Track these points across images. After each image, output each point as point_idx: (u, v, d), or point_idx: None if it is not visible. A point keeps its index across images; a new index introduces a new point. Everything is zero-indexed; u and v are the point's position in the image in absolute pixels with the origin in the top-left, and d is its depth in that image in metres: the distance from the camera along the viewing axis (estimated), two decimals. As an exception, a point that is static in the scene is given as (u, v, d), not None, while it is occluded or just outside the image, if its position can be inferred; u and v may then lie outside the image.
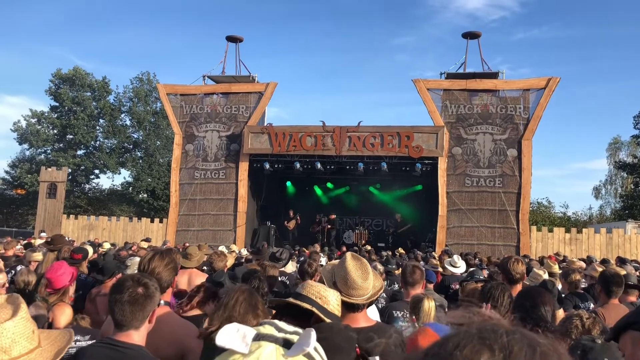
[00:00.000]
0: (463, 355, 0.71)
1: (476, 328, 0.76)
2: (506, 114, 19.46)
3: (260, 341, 1.03)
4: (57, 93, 40.90)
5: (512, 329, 0.75)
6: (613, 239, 19.58)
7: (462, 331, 0.76)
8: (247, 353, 1.00)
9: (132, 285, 2.52)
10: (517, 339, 0.72)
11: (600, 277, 5.06)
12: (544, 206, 43.35)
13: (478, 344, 0.72)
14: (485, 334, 0.74)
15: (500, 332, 0.74)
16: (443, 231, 19.14)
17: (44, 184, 24.60)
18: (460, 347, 0.72)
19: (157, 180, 41.03)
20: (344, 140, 19.59)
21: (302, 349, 1.01)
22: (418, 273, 4.89)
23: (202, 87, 22.36)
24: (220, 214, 21.25)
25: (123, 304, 2.48)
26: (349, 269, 2.87)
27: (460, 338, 0.74)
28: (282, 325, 1.11)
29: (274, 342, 1.03)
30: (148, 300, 2.53)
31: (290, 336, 1.06)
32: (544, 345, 0.72)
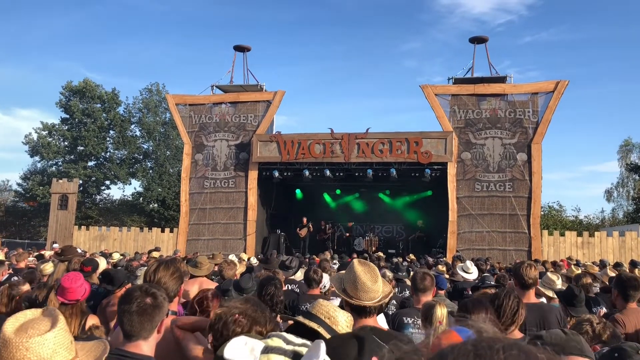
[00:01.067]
0: None
1: (471, 344, 0.73)
2: (515, 118, 19.37)
3: (269, 354, 1.01)
4: (68, 105, 41.23)
5: (509, 343, 0.72)
6: (626, 242, 19.38)
7: (457, 347, 0.73)
8: None
9: (141, 296, 2.50)
10: (514, 355, 0.69)
11: (616, 281, 4.98)
12: (555, 210, 43.03)
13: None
14: (481, 350, 0.70)
15: (497, 348, 0.70)
16: (454, 237, 19.04)
17: (56, 196, 24.77)
18: None
19: (168, 190, 41.17)
20: (353, 147, 19.58)
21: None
22: (428, 280, 4.84)
23: (211, 96, 22.46)
24: (230, 223, 21.28)
25: (131, 314, 2.46)
26: (358, 272, 2.86)
27: (455, 355, 0.71)
28: (290, 338, 1.09)
29: (283, 354, 1.02)
30: (157, 311, 2.51)
31: (299, 348, 1.05)
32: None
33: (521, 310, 3.27)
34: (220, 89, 22.99)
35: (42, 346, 1.60)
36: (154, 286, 2.71)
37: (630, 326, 4.46)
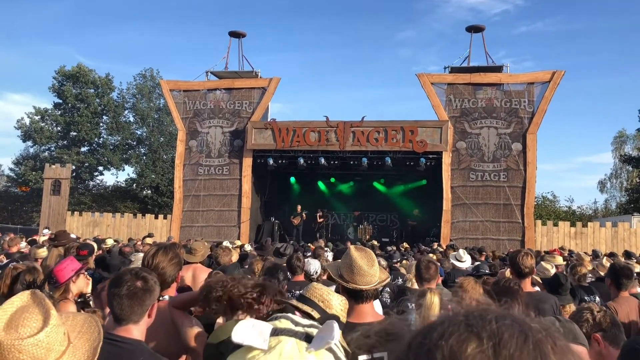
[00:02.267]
0: (449, 346, 0.64)
1: (463, 314, 0.70)
2: (511, 107, 19.37)
3: (279, 336, 0.98)
4: (61, 90, 40.90)
5: (502, 314, 0.69)
6: (618, 233, 19.49)
7: (448, 318, 0.70)
8: (267, 349, 0.95)
9: (131, 279, 2.46)
10: (508, 324, 0.66)
11: (610, 270, 5.01)
12: (549, 200, 43.21)
13: (465, 332, 0.66)
14: (472, 320, 0.67)
15: (489, 318, 0.67)
16: (448, 226, 19.09)
17: (48, 181, 24.63)
18: (446, 337, 0.66)
19: (161, 177, 41.05)
20: (348, 136, 19.54)
21: (327, 342, 0.96)
22: (433, 268, 4.84)
23: (205, 83, 22.33)
24: (224, 210, 21.25)
25: (121, 297, 2.42)
26: (354, 257, 2.85)
27: (445, 326, 0.68)
28: (298, 319, 1.07)
29: (294, 336, 0.99)
30: (147, 294, 2.47)
31: (309, 329, 1.02)
32: (537, 331, 0.66)
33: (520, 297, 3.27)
34: (215, 75, 22.85)
35: (36, 347, 1.55)
36: (145, 270, 2.67)
37: (622, 314, 4.49)
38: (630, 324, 4.47)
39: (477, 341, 0.64)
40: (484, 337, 0.64)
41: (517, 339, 0.64)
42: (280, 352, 0.95)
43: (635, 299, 4.77)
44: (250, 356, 0.96)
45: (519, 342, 0.63)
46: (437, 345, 0.65)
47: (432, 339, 0.67)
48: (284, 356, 0.94)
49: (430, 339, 0.67)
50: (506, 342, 0.63)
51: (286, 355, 0.94)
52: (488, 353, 0.62)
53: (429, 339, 0.67)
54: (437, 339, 0.66)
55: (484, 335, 0.64)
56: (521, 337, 0.64)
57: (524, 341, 0.64)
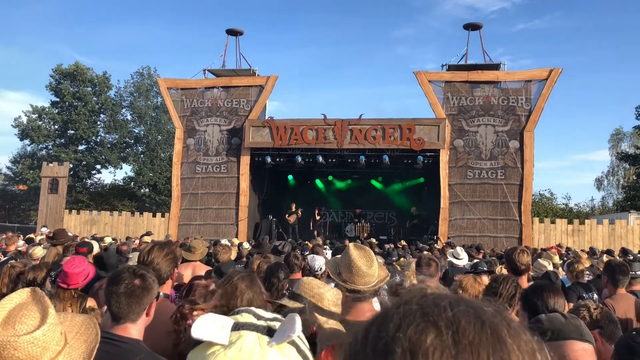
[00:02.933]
0: (407, 338, 0.62)
1: (416, 302, 0.67)
2: (508, 105, 19.38)
3: (240, 330, 0.97)
4: (58, 88, 40.83)
5: (455, 299, 0.67)
6: (615, 230, 19.54)
7: (401, 307, 0.67)
8: (228, 344, 0.94)
9: (129, 277, 2.44)
10: (463, 311, 0.64)
11: (606, 267, 5.03)
12: (546, 198, 43.30)
13: (422, 321, 0.63)
14: (427, 309, 0.65)
15: (444, 305, 0.65)
16: (445, 224, 19.11)
17: (46, 180, 24.59)
18: (403, 328, 0.63)
19: (159, 175, 41.03)
20: (346, 133, 19.54)
21: (288, 336, 0.96)
22: (434, 266, 4.85)
23: (203, 81, 22.30)
24: (222, 208, 21.24)
25: (119, 295, 2.40)
26: (353, 256, 2.83)
27: (400, 316, 0.65)
28: (260, 313, 1.05)
29: (255, 330, 0.98)
30: (145, 293, 2.45)
31: (271, 323, 1.01)
32: (492, 315, 0.65)
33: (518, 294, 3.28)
34: (212, 73, 22.82)
35: (31, 345, 1.54)
36: (143, 268, 2.65)
37: (620, 311, 4.50)
38: (627, 321, 4.48)
39: (435, 331, 0.62)
40: (442, 326, 0.62)
41: (474, 325, 0.62)
42: (241, 346, 0.94)
43: (632, 297, 4.78)
44: (211, 352, 0.95)
45: (476, 328, 0.62)
46: (394, 338, 0.63)
47: (389, 332, 0.64)
48: (244, 351, 0.93)
49: (386, 332, 0.64)
50: (464, 329, 0.62)
51: (246, 349, 0.93)
52: (448, 342, 0.60)
53: (385, 331, 0.64)
54: (394, 331, 0.63)
55: (442, 324, 0.62)
56: (478, 322, 0.63)
57: (481, 327, 0.62)
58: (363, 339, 0.66)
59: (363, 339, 0.66)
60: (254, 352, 0.93)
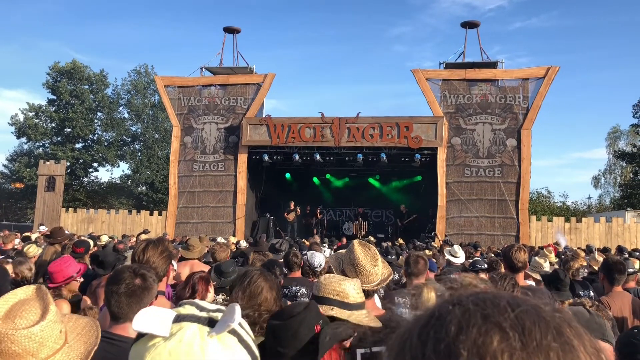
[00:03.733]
0: (472, 340, 0.58)
1: (472, 302, 0.63)
2: (505, 103, 19.40)
3: (181, 322, 0.98)
4: (55, 86, 40.72)
5: (512, 298, 0.63)
6: (612, 228, 19.59)
7: (455, 307, 0.63)
8: (168, 336, 0.96)
9: (130, 277, 2.44)
10: (524, 311, 0.61)
11: (602, 265, 5.04)
12: (544, 196, 43.38)
13: (484, 323, 0.60)
14: (487, 310, 0.61)
15: (504, 306, 0.62)
16: (443, 222, 19.12)
17: (43, 178, 24.53)
18: (465, 330, 0.59)
19: (156, 173, 40.97)
20: (343, 132, 19.54)
21: (227, 325, 0.97)
22: (422, 263, 4.85)
23: (200, 78, 22.27)
24: (220, 206, 21.23)
25: (120, 295, 2.40)
26: (358, 255, 2.82)
27: (458, 317, 0.61)
28: (204, 305, 1.06)
29: (197, 321, 0.99)
30: (145, 292, 2.45)
31: (214, 314, 1.02)
32: (553, 315, 0.62)
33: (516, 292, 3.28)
34: (209, 71, 22.78)
35: (28, 339, 1.55)
36: (144, 267, 2.65)
37: (615, 309, 4.52)
38: (623, 319, 4.50)
39: (500, 332, 0.59)
40: (507, 328, 0.59)
41: (539, 326, 0.60)
42: (181, 338, 0.95)
43: (628, 294, 4.80)
44: (152, 344, 0.96)
45: (542, 329, 0.59)
46: (457, 340, 0.59)
47: (450, 333, 0.60)
48: (184, 342, 0.94)
49: (447, 333, 0.61)
50: (530, 330, 0.59)
51: (186, 341, 0.94)
52: (516, 345, 0.57)
53: (446, 333, 0.61)
54: (455, 333, 0.60)
55: (506, 326, 0.59)
56: (542, 323, 0.60)
57: (547, 327, 0.60)
58: (418, 340, 0.63)
59: (418, 340, 0.63)
60: (194, 343, 0.94)
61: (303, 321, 1.82)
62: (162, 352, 0.94)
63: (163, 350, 0.94)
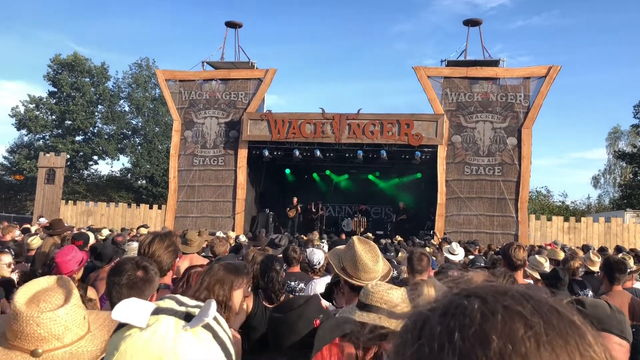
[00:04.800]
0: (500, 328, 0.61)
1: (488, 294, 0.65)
2: (506, 102, 19.39)
3: (159, 315, 1.01)
4: (56, 78, 40.68)
5: (518, 290, 0.66)
6: (611, 228, 19.60)
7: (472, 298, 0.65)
8: (145, 327, 0.98)
9: (132, 269, 2.46)
10: (538, 301, 0.64)
11: (603, 264, 5.05)
12: (543, 195, 43.49)
13: (505, 312, 0.62)
14: (507, 301, 0.64)
15: (518, 297, 0.65)
16: (442, 219, 19.13)
17: (43, 170, 24.53)
18: (491, 318, 0.62)
19: (156, 167, 40.95)
20: (344, 128, 19.53)
21: (202, 320, 0.99)
22: (425, 260, 4.87)
23: (201, 73, 22.23)
24: (219, 201, 21.23)
25: (121, 287, 2.42)
26: (359, 252, 2.80)
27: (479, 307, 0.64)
28: (183, 300, 1.08)
29: (174, 315, 1.01)
30: (147, 285, 2.47)
31: (192, 309, 1.04)
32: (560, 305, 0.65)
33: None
34: (210, 66, 22.76)
35: (53, 322, 1.56)
36: (146, 259, 2.66)
37: (614, 308, 4.52)
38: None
39: (523, 320, 0.62)
40: (528, 316, 0.62)
41: (554, 314, 0.63)
42: (156, 330, 0.98)
43: (628, 293, 4.81)
44: (128, 334, 0.98)
45: (557, 317, 0.63)
46: (486, 326, 0.62)
47: (476, 320, 0.63)
48: (158, 334, 0.97)
49: (472, 321, 0.63)
50: (549, 319, 0.62)
51: (161, 333, 0.97)
52: (540, 331, 0.61)
53: (471, 320, 0.63)
54: (482, 320, 0.62)
55: (527, 314, 0.62)
56: (554, 311, 0.64)
57: (559, 315, 0.63)
58: (441, 328, 0.64)
59: (441, 328, 0.64)
60: (167, 336, 0.97)
61: (302, 315, 1.80)
62: (136, 341, 0.97)
63: (138, 340, 0.97)
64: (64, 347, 1.58)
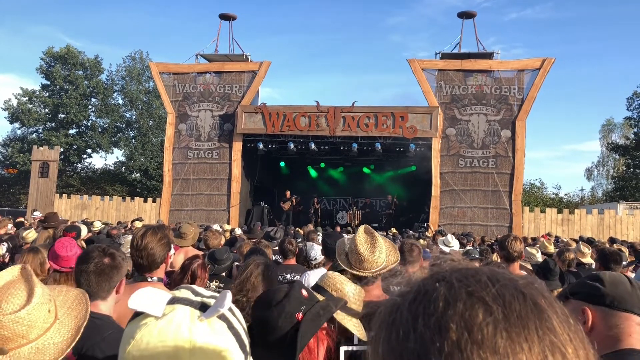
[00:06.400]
0: (459, 314, 0.62)
1: (456, 279, 0.67)
2: (500, 94, 19.42)
3: (174, 304, 1.02)
4: (49, 71, 40.41)
5: (491, 273, 0.67)
6: (604, 220, 19.72)
7: (441, 283, 0.67)
8: (160, 316, 0.99)
9: (98, 256, 2.52)
10: (504, 285, 0.65)
11: (599, 255, 5.09)
12: (537, 187, 43.63)
13: (468, 298, 0.64)
14: (471, 286, 0.65)
15: (485, 281, 0.66)
16: (436, 212, 19.19)
17: (36, 163, 24.42)
18: (452, 305, 0.63)
19: (150, 160, 40.83)
20: (338, 121, 19.52)
21: (217, 311, 1.00)
22: (416, 251, 4.89)
23: (195, 65, 22.14)
24: (214, 194, 21.21)
25: (89, 274, 2.48)
26: (357, 242, 2.92)
27: (444, 294, 0.65)
28: (199, 290, 1.09)
29: (189, 305, 1.02)
30: (115, 271, 2.54)
31: (207, 300, 1.05)
32: (528, 287, 0.66)
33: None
34: (204, 58, 22.67)
35: (17, 324, 1.55)
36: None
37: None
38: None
39: (484, 306, 0.63)
40: (489, 302, 0.63)
41: (517, 299, 0.64)
42: (172, 319, 0.99)
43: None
44: (144, 322, 0.99)
45: (520, 301, 0.64)
46: (445, 314, 0.63)
47: (439, 308, 0.64)
48: (174, 323, 0.98)
49: (435, 308, 0.64)
50: (510, 303, 0.63)
51: (176, 322, 0.98)
52: (499, 317, 0.62)
53: (434, 308, 0.65)
54: (443, 308, 0.64)
55: (489, 300, 0.63)
56: (520, 295, 0.64)
57: (524, 299, 0.64)
58: (409, 315, 0.66)
59: (409, 315, 0.66)
60: (182, 325, 0.98)
61: (282, 311, 1.74)
62: (152, 330, 0.98)
63: (153, 329, 0.98)
64: (29, 343, 1.57)
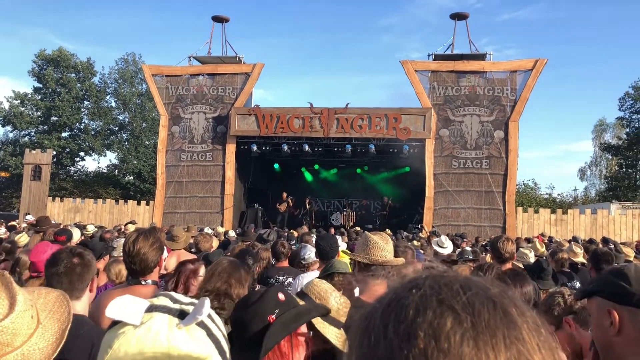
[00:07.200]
0: (428, 322, 0.63)
1: (429, 286, 0.68)
2: (493, 95, 19.48)
3: (152, 312, 1.01)
4: (41, 74, 40.23)
5: (465, 282, 0.68)
6: (597, 220, 19.79)
7: (414, 291, 0.68)
8: (138, 324, 0.98)
9: (67, 257, 2.58)
10: (475, 294, 0.66)
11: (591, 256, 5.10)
12: (530, 188, 43.76)
13: (438, 306, 0.64)
14: (442, 294, 0.66)
15: (457, 289, 0.66)
16: (430, 213, 19.23)
17: (29, 167, 24.30)
18: (422, 313, 0.64)
19: (144, 163, 40.71)
20: (332, 122, 19.53)
21: (195, 318, 0.99)
22: (410, 253, 4.89)
23: (188, 68, 22.10)
24: (208, 197, 21.16)
25: (60, 275, 2.53)
26: (370, 235, 3.16)
27: (416, 301, 0.66)
28: (178, 297, 1.08)
29: (168, 312, 1.01)
30: (85, 269, 2.59)
31: (186, 307, 1.04)
32: (500, 295, 0.67)
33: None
34: (197, 60, 22.64)
35: (1, 333, 1.52)
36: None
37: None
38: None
39: (453, 314, 0.63)
40: (459, 310, 0.64)
41: (487, 307, 0.64)
42: (150, 327, 0.98)
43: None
44: (122, 331, 0.99)
45: (490, 310, 0.64)
46: (414, 322, 0.64)
47: (408, 316, 0.65)
48: (152, 331, 0.97)
49: (406, 316, 0.65)
50: (479, 311, 0.64)
51: (154, 330, 0.97)
52: (467, 326, 0.62)
53: (405, 315, 0.65)
54: (413, 316, 0.65)
55: (458, 308, 0.64)
56: (490, 304, 0.65)
57: (494, 308, 0.64)
58: (381, 322, 0.67)
59: (381, 322, 0.67)
60: (160, 333, 0.97)
61: (255, 313, 1.75)
62: (129, 339, 0.97)
63: (131, 338, 0.97)
64: (14, 350, 1.55)
